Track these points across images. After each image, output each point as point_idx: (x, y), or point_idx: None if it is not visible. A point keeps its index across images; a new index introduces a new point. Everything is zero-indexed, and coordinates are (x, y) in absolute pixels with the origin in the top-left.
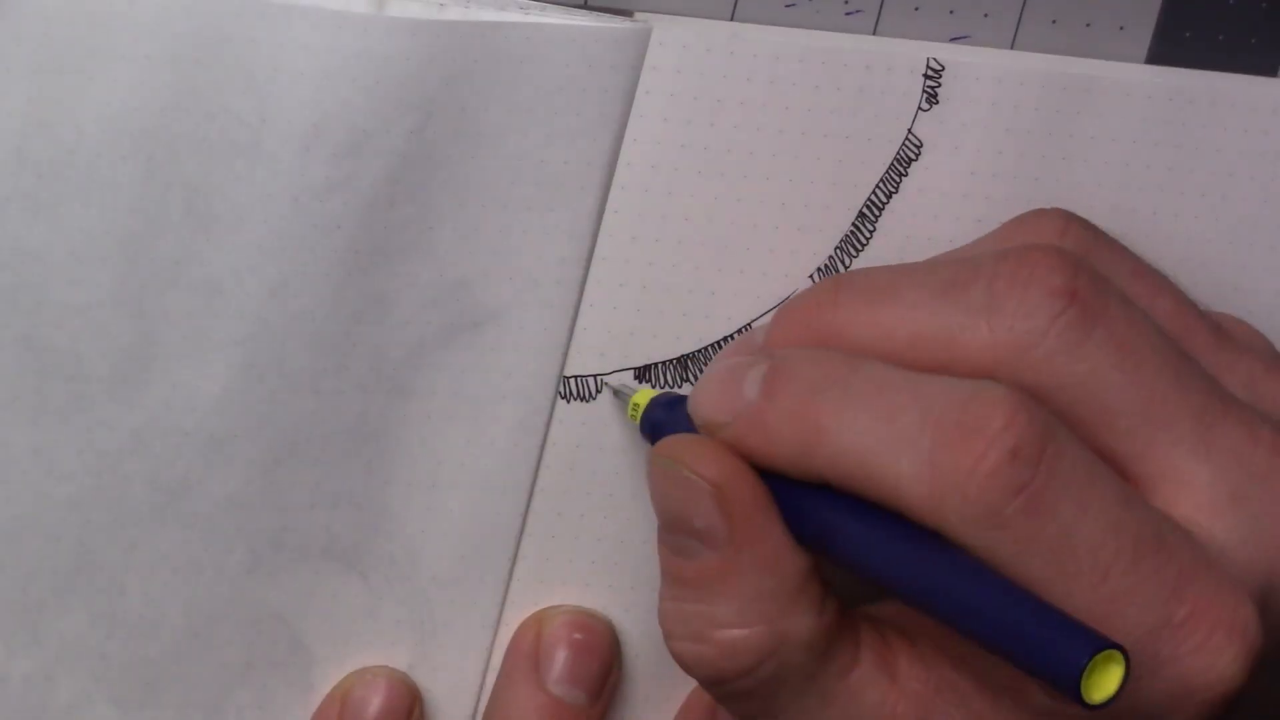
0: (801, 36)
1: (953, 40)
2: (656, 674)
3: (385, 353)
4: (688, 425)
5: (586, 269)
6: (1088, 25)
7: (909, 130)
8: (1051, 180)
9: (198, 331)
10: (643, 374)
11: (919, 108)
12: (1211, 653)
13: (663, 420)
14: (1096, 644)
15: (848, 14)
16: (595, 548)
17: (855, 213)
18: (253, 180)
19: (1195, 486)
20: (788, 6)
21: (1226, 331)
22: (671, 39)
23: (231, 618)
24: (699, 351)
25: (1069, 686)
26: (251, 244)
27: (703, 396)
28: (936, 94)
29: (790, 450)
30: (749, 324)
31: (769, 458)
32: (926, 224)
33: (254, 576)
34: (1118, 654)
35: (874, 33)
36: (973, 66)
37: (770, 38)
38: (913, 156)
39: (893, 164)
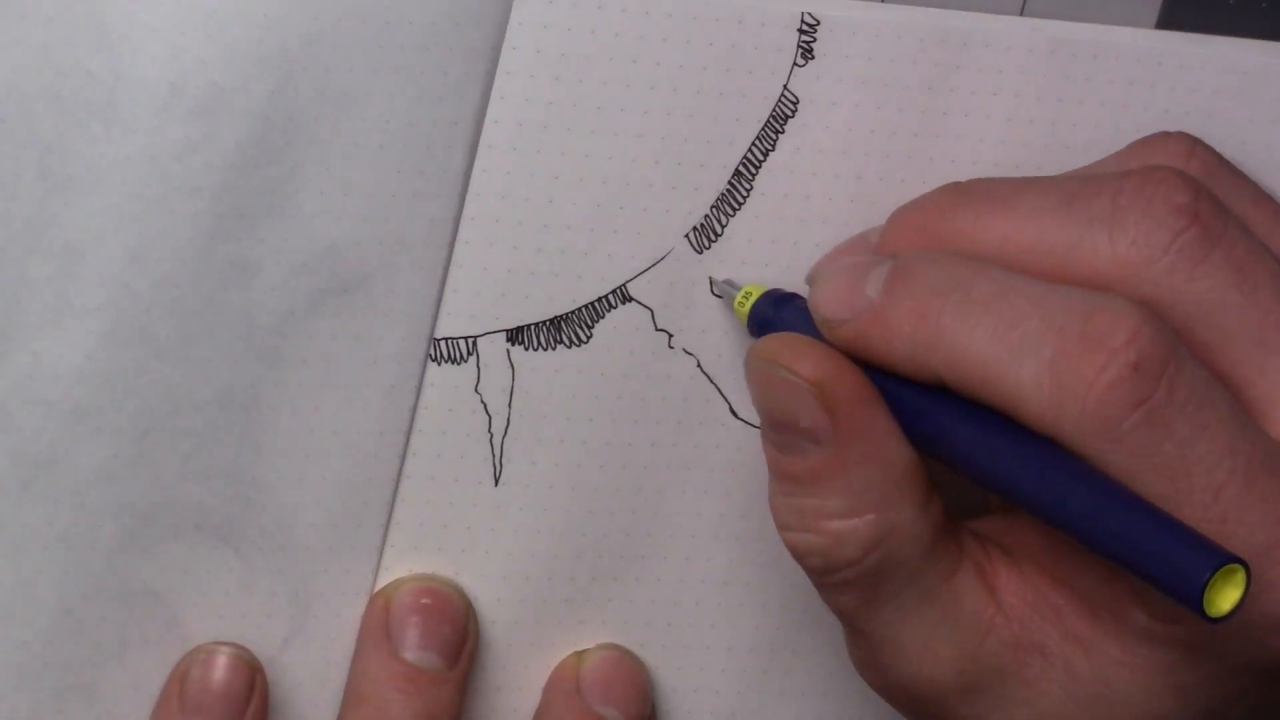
0: None
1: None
2: (519, 647)
3: (254, 319)
4: (794, 323)
5: (455, 230)
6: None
7: (784, 86)
8: (931, 135)
9: (58, 298)
10: (515, 335)
11: (794, 63)
12: None
13: (770, 318)
14: (1221, 557)
15: None
16: (470, 513)
17: (731, 171)
18: (109, 141)
19: None
20: None
21: None
22: None
23: (104, 595)
24: (572, 313)
25: (1192, 598)
26: (110, 207)
27: (825, 294)
28: (812, 49)
29: (910, 350)
30: (624, 284)
31: (888, 356)
32: (805, 181)
33: (126, 552)
34: (1239, 569)
35: None
36: (848, 20)
37: None
38: (789, 113)
39: (769, 121)
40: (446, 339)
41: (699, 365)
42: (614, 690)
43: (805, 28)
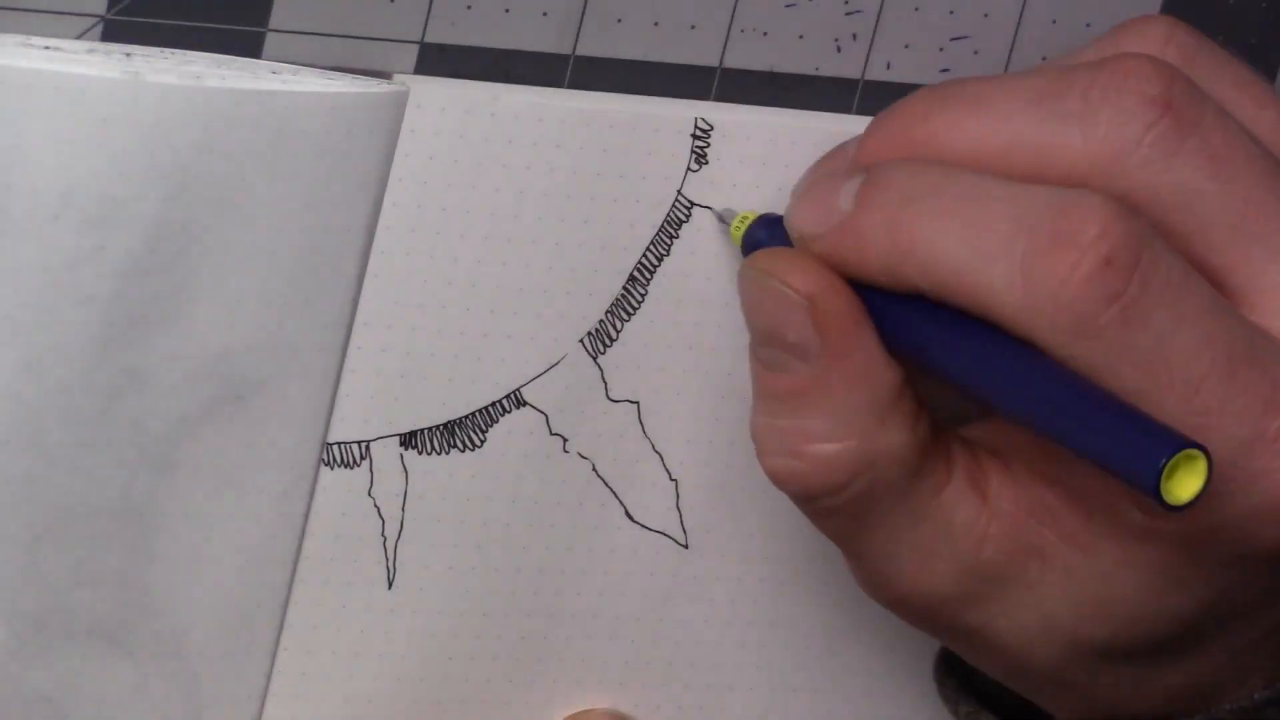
0: (566, 98)
1: (951, 40)
2: None
3: (146, 427)
4: (784, 243)
5: (348, 335)
6: (1088, 25)
7: (678, 191)
8: None
9: None
10: (408, 440)
11: (688, 169)
12: None
13: (764, 239)
14: (1177, 443)
15: (848, 14)
16: (363, 616)
17: (626, 276)
18: (1, 251)
19: None
20: (788, 7)
21: None
22: (429, 101)
23: None
24: (466, 417)
25: (1148, 484)
26: (2, 317)
27: (798, 209)
28: (705, 154)
29: (884, 260)
30: (518, 389)
31: (863, 268)
32: (699, 285)
33: (17, 658)
34: (1200, 456)
35: (873, 33)
36: (742, 125)
37: (533, 99)
38: (683, 218)
39: (663, 226)
40: (340, 443)
41: (594, 469)
42: None
43: (699, 133)
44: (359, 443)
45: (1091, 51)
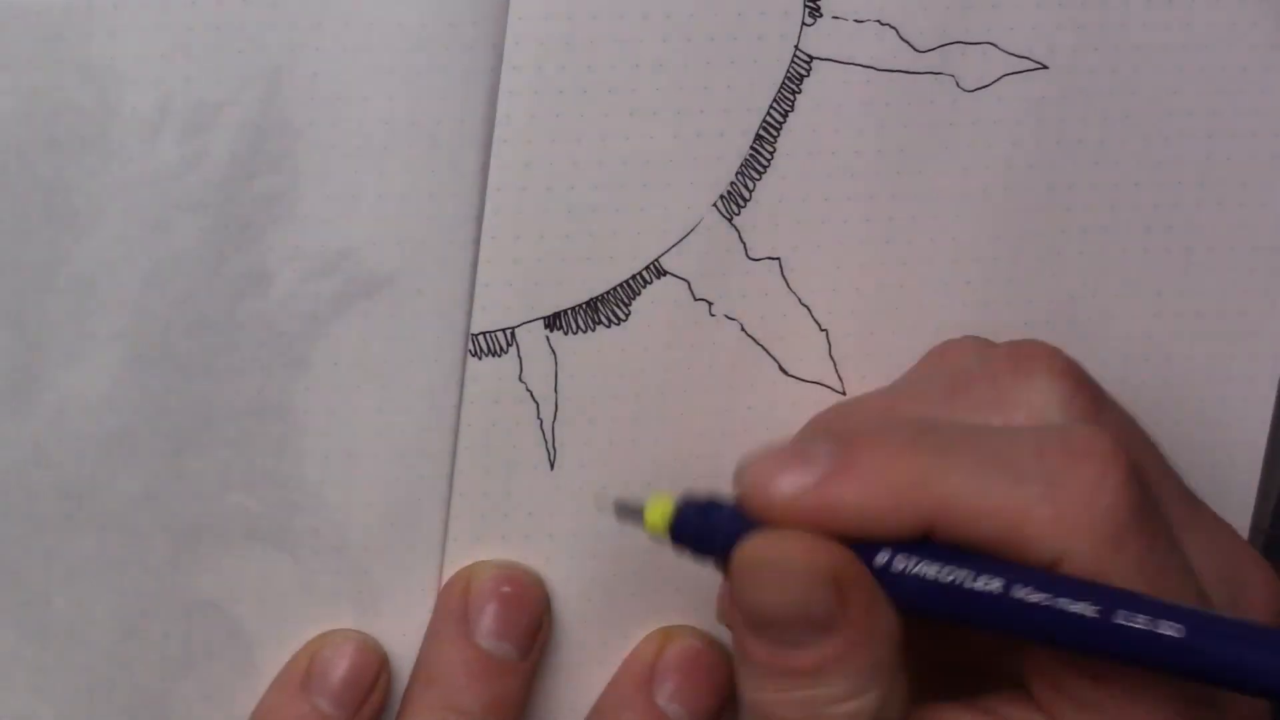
0: None
1: None
2: (589, 628)
3: (276, 327)
4: (736, 524)
5: (479, 226)
6: None
7: (795, 47)
8: (952, 74)
9: (78, 332)
10: (552, 321)
11: (802, 23)
12: None
13: (705, 525)
14: None
15: None
16: (528, 500)
17: (752, 136)
18: (107, 171)
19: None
20: None
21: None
22: None
23: (163, 611)
24: (608, 293)
25: None
26: (116, 235)
27: (766, 470)
28: (820, 7)
29: (889, 500)
30: (657, 259)
31: (860, 515)
32: (828, 137)
33: (179, 568)
34: None
35: None
36: None
37: None
38: (804, 73)
39: (784, 82)
40: (485, 333)
41: (743, 329)
42: (686, 687)
43: None
44: (504, 330)
45: (985, 383)
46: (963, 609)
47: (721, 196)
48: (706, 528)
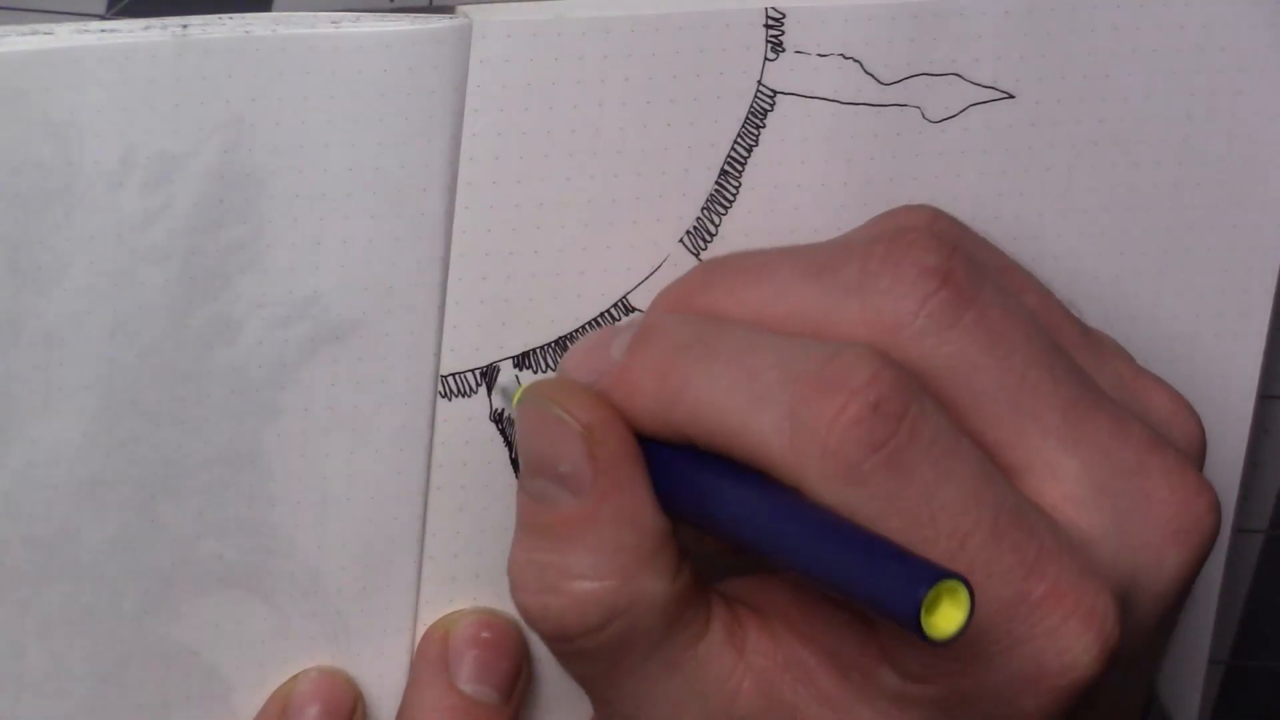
0: (630, 5)
1: None
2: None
3: (245, 375)
4: None
5: (445, 268)
6: None
7: (759, 82)
8: (917, 105)
9: (46, 385)
10: (521, 361)
11: (765, 58)
12: (1067, 637)
13: None
14: (936, 573)
15: None
16: (503, 539)
17: (717, 171)
18: (71, 224)
19: (1062, 478)
20: None
21: (1095, 333)
22: (494, 30)
23: (139, 659)
24: (576, 331)
25: (908, 615)
26: (82, 288)
27: (570, 360)
28: (782, 42)
29: (653, 407)
30: (624, 296)
31: (633, 415)
32: (794, 171)
33: (154, 615)
34: (962, 591)
35: None
36: (815, 9)
37: (597, 13)
38: (768, 107)
39: (748, 118)
40: (454, 374)
41: None
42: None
43: (771, 22)
44: (472, 371)
45: (861, 231)
46: (701, 518)
47: (688, 232)
48: None
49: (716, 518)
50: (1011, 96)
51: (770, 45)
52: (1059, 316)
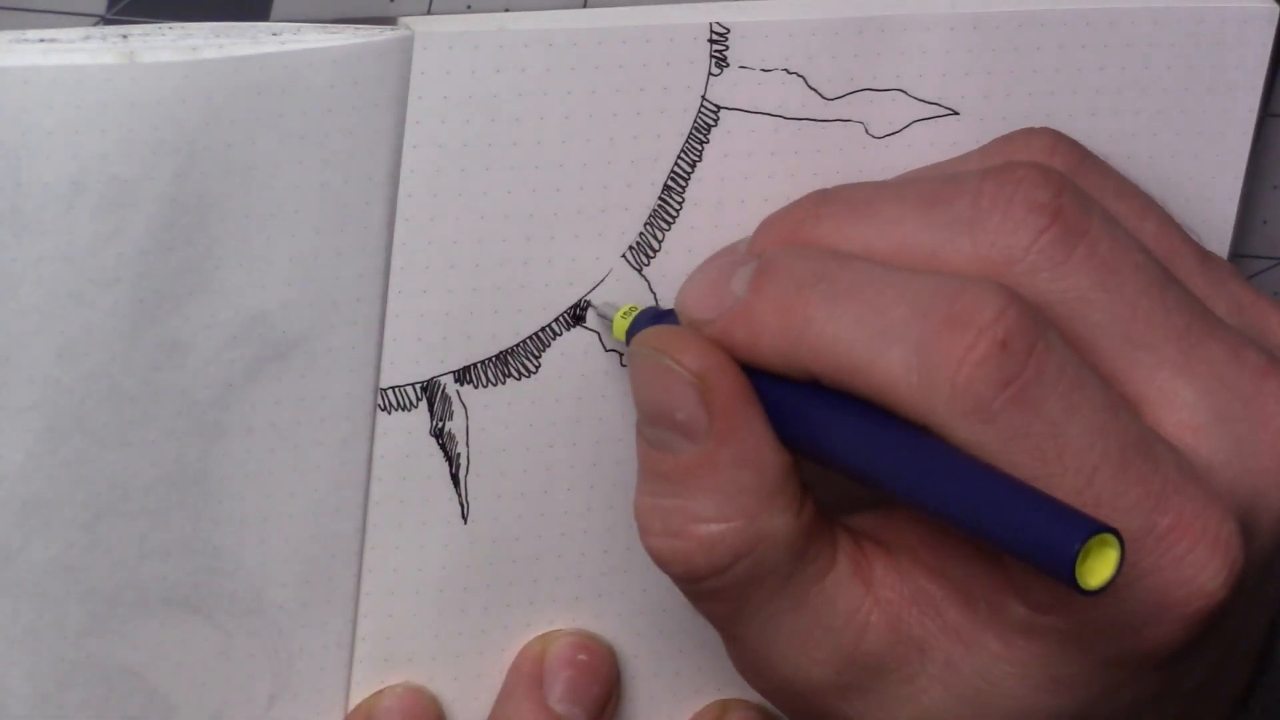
0: (573, 19)
1: None
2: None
3: (192, 396)
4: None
5: (386, 282)
6: None
7: (702, 97)
8: (860, 122)
9: None
10: (462, 375)
11: (709, 73)
12: (1193, 566)
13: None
14: (1092, 527)
15: None
16: (441, 553)
17: (660, 186)
18: (20, 246)
19: (1179, 406)
20: None
21: (1212, 257)
22: (435, 41)
23: (80, 680)
24: (518, 346)
25: (1064, 570)
26: (29, 309)
27: (689, 294)
28: (726, 57)
29: (777, 344)
30: (565, 311)
31: (756, 352)
32: (737, 186)
33: (96, 635)
34: (1112, 541)
35: None
36: (759, 24)
37: (540, 24)
38: (711, 122)
39: (691, 133)
40: (394, 387)
41: None
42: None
43: (715, 36)
44: (413, 385)
45: (977, 159)
46: (827, 452)
47: (630, 247)
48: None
49: (845, 455)
50: (955, 113)
51: (714, 60)
52: (1177, 242)
